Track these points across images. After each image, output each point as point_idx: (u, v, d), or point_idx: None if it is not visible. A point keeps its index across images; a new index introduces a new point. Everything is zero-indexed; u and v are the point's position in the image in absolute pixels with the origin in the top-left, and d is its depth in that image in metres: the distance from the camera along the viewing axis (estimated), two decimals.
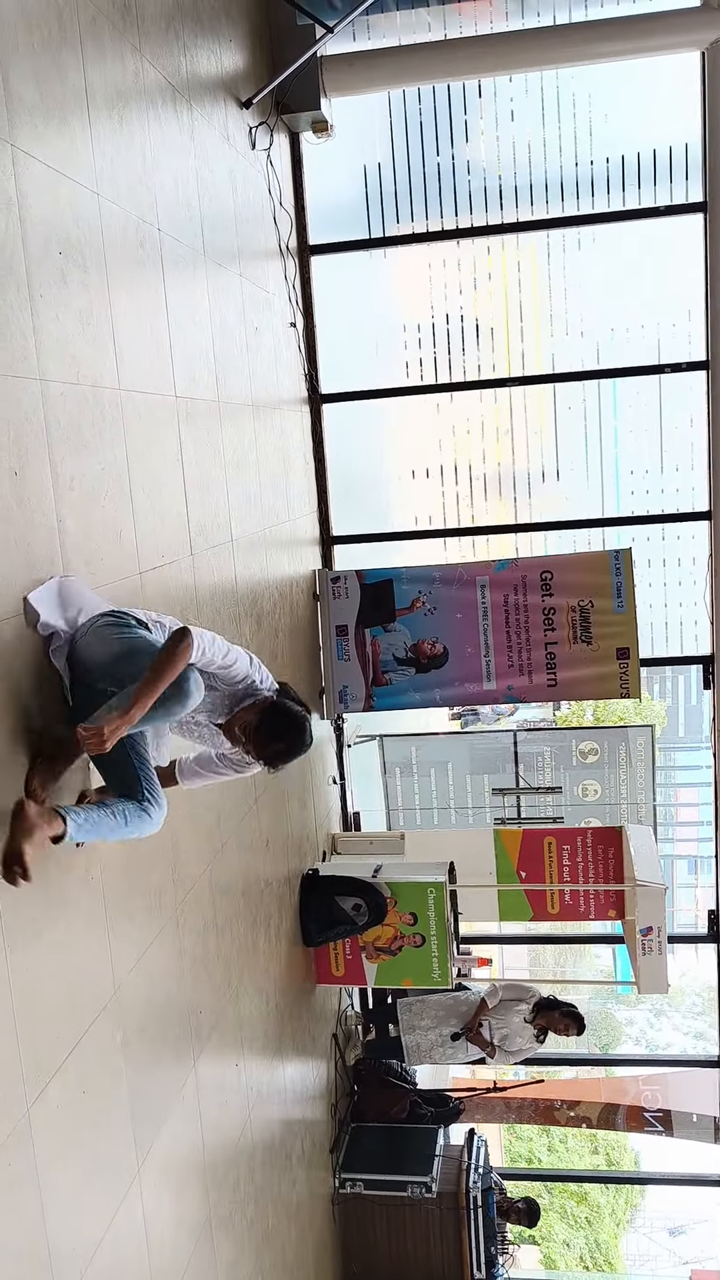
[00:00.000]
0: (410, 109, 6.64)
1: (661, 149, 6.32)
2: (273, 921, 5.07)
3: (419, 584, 6.29)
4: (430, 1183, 5.98)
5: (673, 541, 8.42)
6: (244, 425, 4.93)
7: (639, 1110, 8.97)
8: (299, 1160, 5.32)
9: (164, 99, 3.99)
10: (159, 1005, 3.47)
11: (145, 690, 2.55)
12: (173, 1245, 3.51)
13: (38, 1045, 2.62)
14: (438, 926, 5.86)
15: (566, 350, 7.77)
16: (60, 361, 2.94)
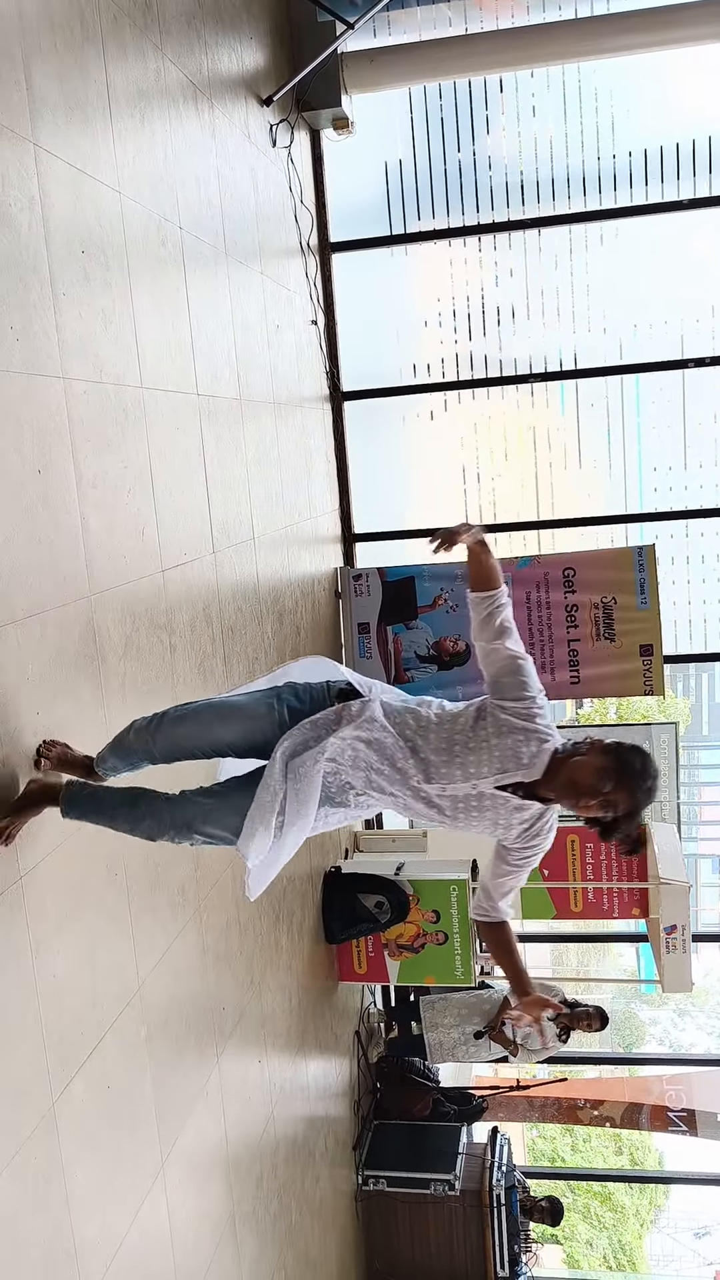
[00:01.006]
0: (431, 105, 6.62)
1: (684, 142, 6.28)
2: (295, 919, 5.07)
3: (441, 581, 6.28)
4: (454, 1180, 5.97)
5: (696, 538, 8.35)
6: (265, 423, 4.94)
7: (663, 1110, 8.93)
8: (322, 1157, 5.32)
9: (185, 97, 3.99)
10: (182, 1002, 3.48)
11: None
12: (196, 1240, 3.52)
13: (63, 1041, 2.63)
14: (460, 924, 5.86)
15: (589, 346, 7.72)
16: (83, 360, 2.95)
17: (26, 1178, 2.43)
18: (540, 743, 2.39)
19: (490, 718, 2.42)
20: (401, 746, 2.41)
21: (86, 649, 2.88)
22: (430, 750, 2.40)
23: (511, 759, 2.37)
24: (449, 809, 2.42)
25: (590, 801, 2.33)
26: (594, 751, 2.37)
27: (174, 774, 2.71)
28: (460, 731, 2.41)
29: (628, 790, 2.32)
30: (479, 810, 2.41)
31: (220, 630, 4.08)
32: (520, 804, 2.41)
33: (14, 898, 2.45)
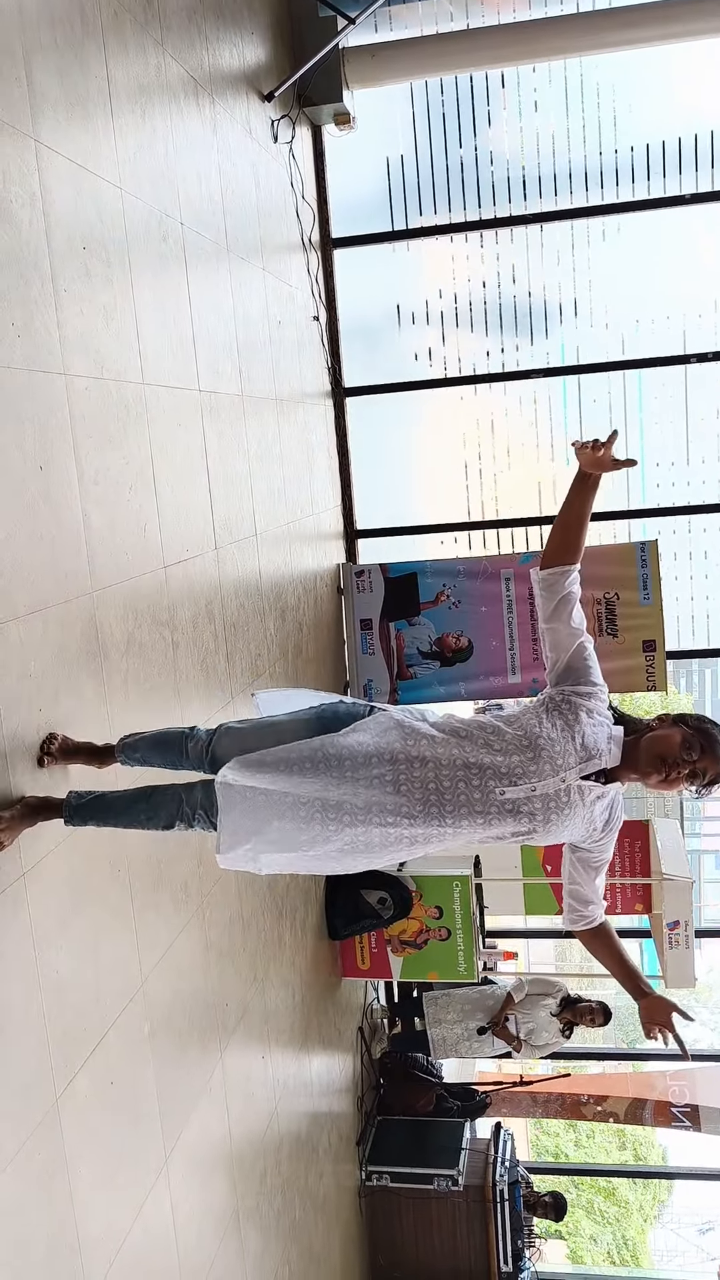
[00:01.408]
0: (433, 100, 6.61)
1: (687, 137, 6.26)
2: (298, 915, 5.08)
3: (443, 577, 6.27)
4: (457, 1176, 5.98)
5: (699, 534, 8.34)
6: (267, 419, 4.93)
7: (666, 1105, 8.95)
8: (325, 1153, 5.33)
9: (186, 93, 3.99)
10: (185, 998, 3.49)
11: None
12: (200, 1235, 3.53)
13: (66, 1037, 2.64)
14: (463, 920, 5.86)
15: (591, 342, 7.71)
16: (84, 356, 2.95)
17: (30, 1173, 2.44)
18: (610, 727, 2.39)
19: (563, 707, 2.37)
20: (475, 752, 2.32)
21: (89, 646, 2.88)
22: (511, 749, 2.31)
23: (594, 746, 2.34)
24: (540, 812, 2.30)
25: (680, 771, 2.30)
26: (665, 724, 2.37)
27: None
28: (536, 726, 2.34)
29: (714, 756, 2.31)
30: (569, 806, 2.32)
31: (223, 627, 4.08)
32: (602, 791, 2.38)
33: (16, 894, 2.46)
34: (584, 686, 2.41)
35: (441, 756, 2.30)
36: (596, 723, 2.37)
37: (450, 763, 2.29)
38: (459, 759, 2.29)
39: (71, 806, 2.54)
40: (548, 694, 2.44)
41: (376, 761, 2.31)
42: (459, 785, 2.28)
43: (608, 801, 2.43)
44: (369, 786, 2.29)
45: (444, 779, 2.28)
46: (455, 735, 2.34)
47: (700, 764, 2.30)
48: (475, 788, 2.28)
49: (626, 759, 2.37)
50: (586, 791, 2.34)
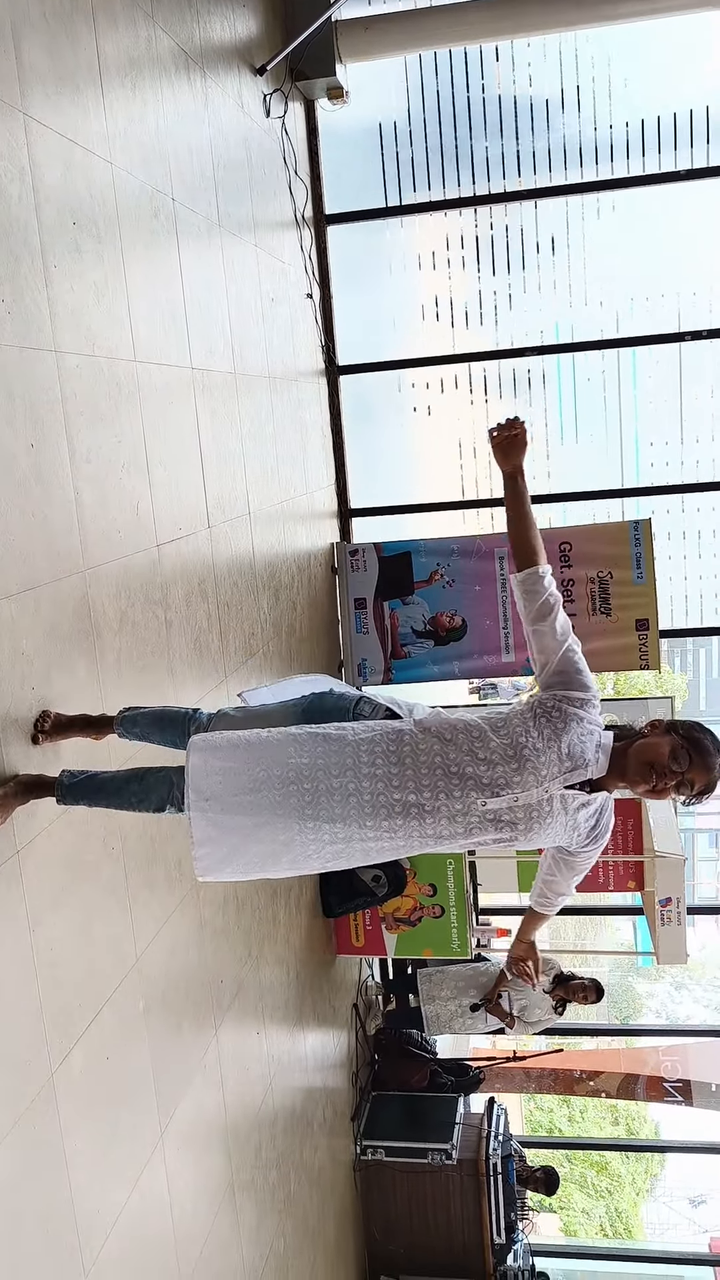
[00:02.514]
0: (427, 75, 6.55)
1: (682, 112, 6.22)
2: (293, 893, 5.10)
3: (437, 556, 6.27)
4: (451, 1150, 6.03)
5: (693, 513, 8.34)
6: (261, 397, 4.92)
7: (659, 1080, 9.02)
8: (320, 1127, 5.38)
9: (177, 66, 3.95)
10: (180, 974, 3.51)
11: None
12: (196, 1208, 3.56)
13: (61, 1013, 2.65)
14: (457, 898, 5.89)
15: (585, 320, 7.67)
16: (75, 333, 2.93)
17: (26, 1148, 2.46)
18: (599, 735, 2.35)
19: (553, 714, 2.32)
20: (458, 759, 2.27)
21: (81, 624, 2.88)
22: (496, 758, 2.26)
23: (580, 756, 2.29)
24: (522, 821, 2.28)
25: (667, 782, 2.27)
26: (657, 732, 2.33)
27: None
28: (521, 734, 2.29)
29: (703, 767, 2.28)
30: (550, 815, 2.30)
31: (216, 606, 4.08)
32: (586, 799, 2.35)
33: (11, 871, 2.47)
34: (576, 692, 2.37)
35: (423, 765, 2.27)
36: (585, 730, 2.32)
37: (431, 771, 2.26)
38: (440, 767, 2.26)
39: (64, 785, 2.54)
40: (540, 698, 2.38)
41: (353, 776, 2.28)
42: (440, 796, 2.25)
43: (593, 810, 2.40)
44: (344, 802, 2.27)
45: (424, 790, 2.25)
46: (440, 739, 2.30)
47: (689, 775, 2.27)
48: (457, 799, 2.25)
49: (615, 767, 2.33)
50: (570, 800, 2.32)
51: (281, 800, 2.27)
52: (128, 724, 2.72)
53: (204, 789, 2.30)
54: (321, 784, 2.27)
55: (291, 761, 2.30)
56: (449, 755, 2.27)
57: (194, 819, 2.29)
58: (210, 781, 2.30)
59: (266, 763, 2.31)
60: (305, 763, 2.29)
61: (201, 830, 2.29)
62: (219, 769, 2.31)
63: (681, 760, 2.26)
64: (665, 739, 2.29)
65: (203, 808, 2.29)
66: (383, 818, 2.26)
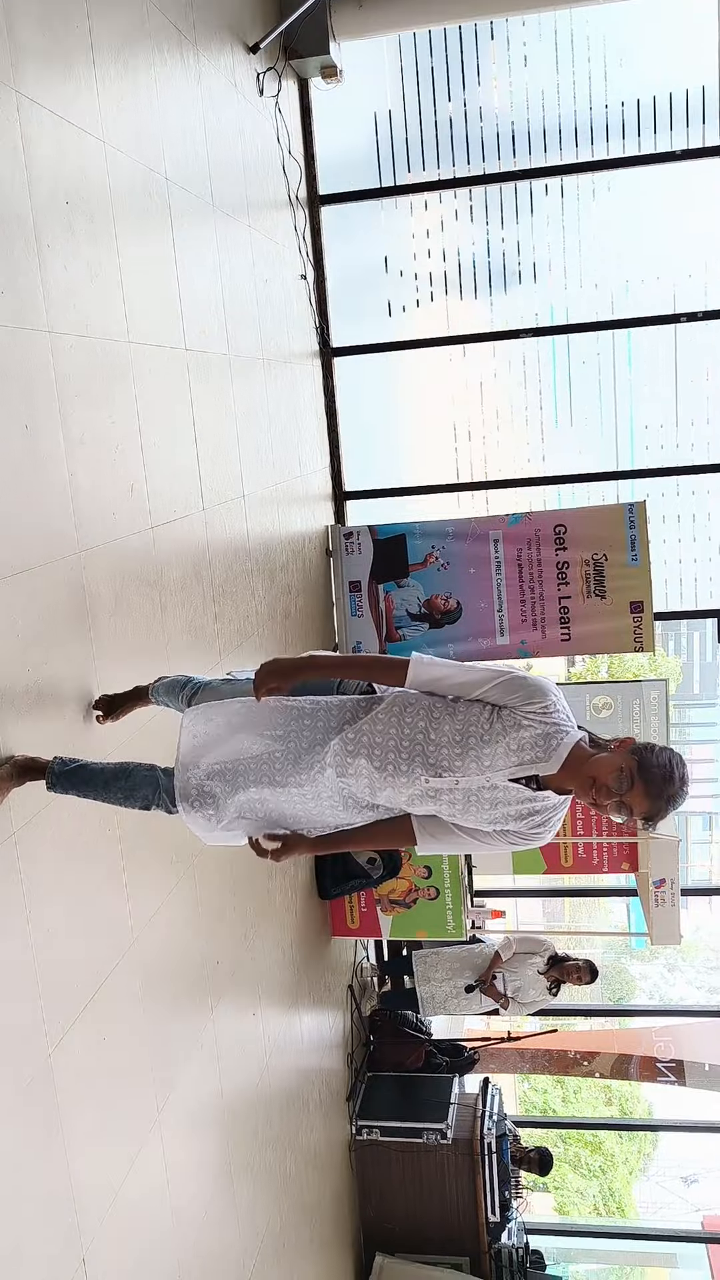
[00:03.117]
0: (421, 54, 6.51)
1: (678, 92, 6.19)
2: (288, 874, 5.12)
3: (432, 539, 6.26)
4: (446, 1130, 6.07)
5: (687, 496, 8.36)
6: (255, 379, 4.90)
7: (652, 1060, 9.09)
8: (316, 1108, 5.41)
9: (170, 44, 3.92)
10: (177, 956, 3.52)
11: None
12: (193, 1188, 3.58)
13: (58, 994, 2.66)
14: (452, 879, 5.91)
15: (581, 302, 7.65)
16: (69, 314, 2.91)
17: (24, 1128, 2.47)
18: (561, 735, 2.29)
19: (508, 713, 2.31)
20: (413, 738, 2.34)
21: (76, 606, 2.88)
22: (443, 741, 2.32)
23: (529, 751, 2.28)
24: (460, 802, 2.33)
25: (606, 801, 2.24)
26: (620, 751, 2.28)
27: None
28: (475, 724, 2.31)
29: (646, 795, 2.23)
30: (489, 804, 2.32)
31: (211, 588, 4.08)
32: (532, 796, 2.32)
33: (8, 852, 2.47)
34: (526, 705, 2.30)
35: (378, 736, 2.35)
36: (543, 732, 2.28)
37: (384, 743, 2.34)
38: (393, 739, 2.34)
39: (55, 773, 2.55)
40: (503, 704, 2.33)
41: (324, 722, 2.43)
42: (388, 768, 2.34)
43: (543, 808, 2.35)
44: (312, 738, 2.41)
45: (375, 759, 2.34)
46: (399, 717, 2.36)
47: (627, 799, 2.23)
48: (404, 773, 2.33)
49: (570, 771, 2.29)
50: (515, 793, 2.31)
51: (252, 762, 2.43)
52: (155, 692, 2.94)
53: (187, 762, 2.46)
54: (291, 748, 2.41)
55: (265, 733, 2.44)
56: (403, 732, 2.34)
57: (179, 792, 2.46)
58: (194, 754, 2.47)
59: (245, 729, 2.45)
60: (279, 734, 2.43)
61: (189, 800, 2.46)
62: (203, 735, 2.47)
63: (623, 784, 2.21)
64: (619, 759, 2.25)
65: (185, 778, 2.45)
66: (338, 775, 2.37)
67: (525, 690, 2.30)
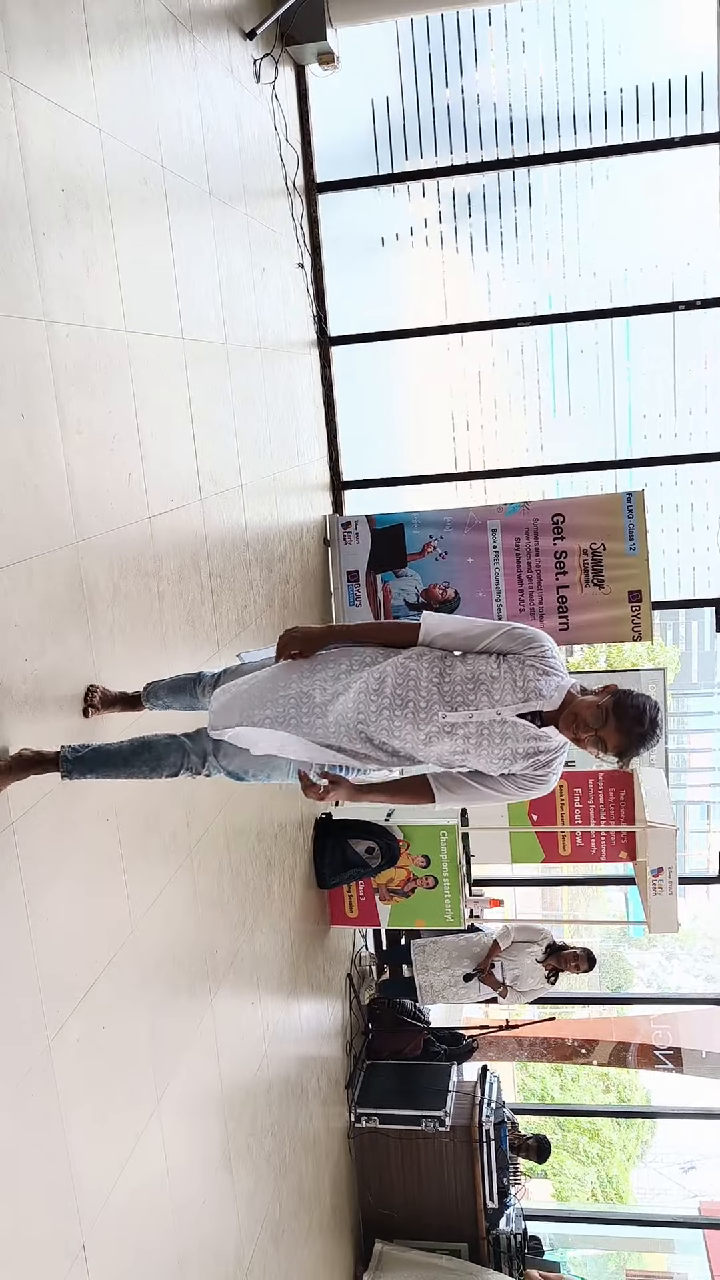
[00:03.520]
0: (418, 40, 6.46)
1: (677, 78, 6.15)
2: (287, 864, 5.12)
3: (430, 528, 6.26)
4: (444, 1117, 6.10)
5: (685, 485, 8.33)
6: (252, 368, 4.88)
7: (650, 1048, 9.13)
8: (315, 1095, 5.43)
9: (165, 30, 3.89)
10: (175, 945, 3.53)
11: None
12: (192, 1175, 3.60)
13: (57, 984, 2.67)
14: (450, 868, 5.93)
15: (578, 291, 7.62)
16: (65, 302, 2.90)
17: (24, 1117, 2.48)
18: (558, 678, 2.60)
19: (513, 658, 2.61)
20: (431, 679, 2.59)
21: (74, 596, 2.87)
22: (457, 680, 2.59)
23: (534, 690, 2.57)
24: (474, 736, 2.57)
25: (584, 735, 2.53)
26: (604, 694, 2.57)
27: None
28: (484, 667, 2.61)
29: (618, 731, 2.50)
30: (499, 738, 2.57)
31: (209, 578, 4.07)
32: (537, 733, 2.58)
33: (6, 843, 2.47)
34: (529, 652, 2.61)
35: (399, 678, 2.60)
36: (542, 671, 2.58)
37: (404, 684, 2.59)
38: (413, 681, 2.60)
39: (68, 760, 2.56)
40: (506, 650, 2.64)
41: (347, 668, 2.68)
42: (409, 705, 2.58)
43: (547, 747, 2.61)
44: (336, 682, 2.64)
45: (397, 698, 2.58)
46: (417, 662, 2.63)
47: (601, 734, 2.52)
48: (423, 710, 2.57)
49: (561, 710, 2.58)
50: (522, 729, 2.58)
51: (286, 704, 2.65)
52: (152, 696, 3.02)
53: (219, 709, 2.69)
54: (318, 682, 2.66)
55: (294, 679, 2.67)
56: (421, 675, 2.61)
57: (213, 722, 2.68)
58: (227, 707, 2.68)
59: (276, 684, 2.67)
60: (308, 678, 2.67)
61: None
62: (233, 692, 2.70)
63: (599, 720, 2.51)
64: (600, 699, 2.55)
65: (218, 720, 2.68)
66: (371, 715, 2.60)
67: (525, 638, 2.62)
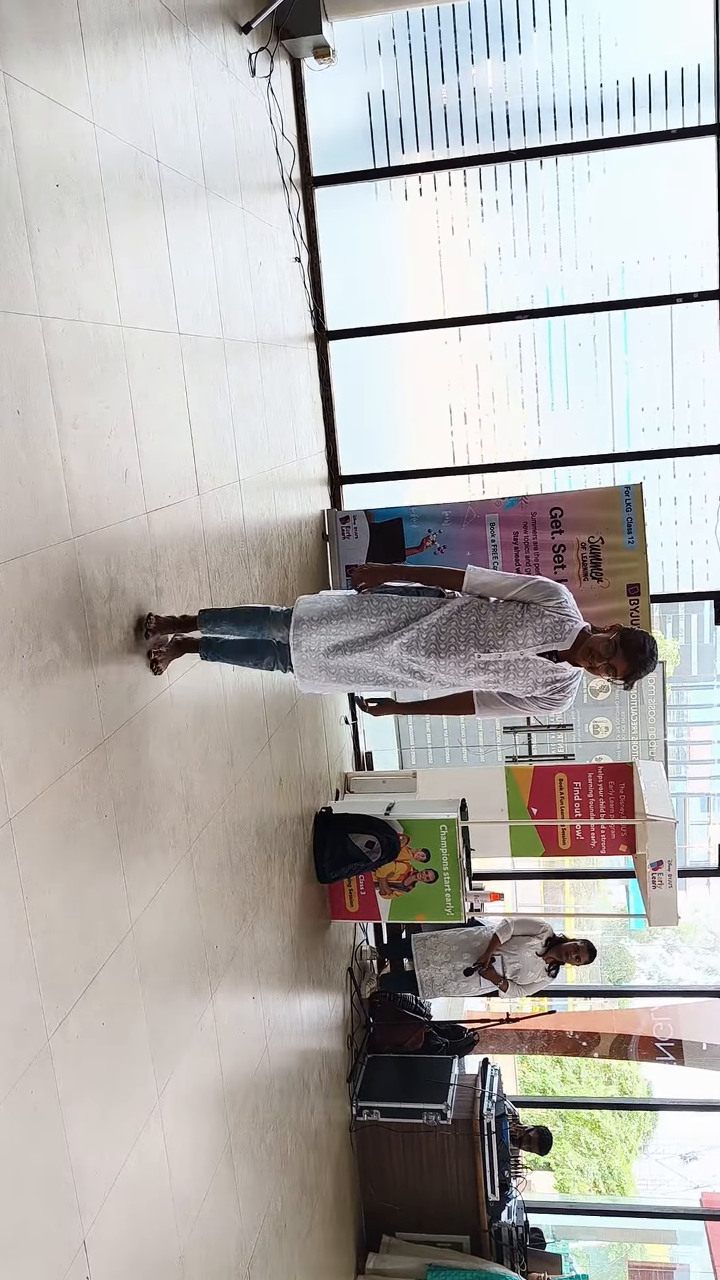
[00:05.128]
0: (415, 34, 6.45)
1: (673, 71, 6.14)
2: (287, 859, 5.13)
3: (428, 523, 6.25)
4: (445, 1110, 6.11)
5: (684, 479, 8.33)
6: (249, 363, 4.88)
7: (650, 1040, 9.15)
8: (316, 1089, 5.44)
9: (160, 24, 3.88)
10: (175, 940, 3.53)
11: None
12: (193, 1169, 3.61)
13: (56, 979, 2.67)
14: (450, 862, 5.93)
15: (576, 284, 7.61)
16: (60, 297, 2.90)
17: (24, 1112, 2.48)
18: (572, 623, 3.29)
19: (535, 607, 3.30)
20: (469, 626, 3.31)
21: (71, 592, 2.87)
22: (490, 627, 3.30)
23: (551, 632, 3.27)
24: (503, 671, 3.32)
25: (599, 664, 3.25)
26: (612, 631, 3.27)
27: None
28: (511, 615, 3.30)
29: (625, 659, 3.23)
30: (524, 672, 3.32)
31: (206, 573, 4.07)
32: (554, 666, 3.32)
33: (4, 837, 2.47)
34: (547, 602, 3.30)
35: (443, 624, 3.32)
36: (559, 618, 3.27)
37: (447, 628, 3.32)
38: (456, 626, 3.32)
39: (204, 647, 3.55)
40: (530, 601, 3.33)
41: (405, 612, 3.39)
42: (453, 644, 3.31)
43: (562, 677, 3.36)
44: (395, 629, 3.36)
45: (444, 633, 3.32)
46: (459, 613, 3.33)
47: (613, 662, 3.23)
48: (462, 650, 3.31)
49: (575, 647, 3.28)
50: (541, 664, 3.32)
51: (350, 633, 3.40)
52: (209, 622, 3.53)
53: (302, 617, 3.44)
54: (381, 624, 3.37)
55: (368, 619, 3.38)
56: (462, 623, 3.33)
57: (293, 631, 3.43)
58: (309, 621, 3.43)
59: (346, 621, 3.40)
60: (371, 617, 3.38)
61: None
62: (310, 602, 3.47)
63: (610, 650, 3.23)
64: (611, 634, 3.25)
65: (299, 640, 3.43)
66: (420, 652, 3.34)
67: (546, 591, 3.32)
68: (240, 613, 3.56)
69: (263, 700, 4.82)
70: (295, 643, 3.39)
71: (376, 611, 3.37)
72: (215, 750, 4.07)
